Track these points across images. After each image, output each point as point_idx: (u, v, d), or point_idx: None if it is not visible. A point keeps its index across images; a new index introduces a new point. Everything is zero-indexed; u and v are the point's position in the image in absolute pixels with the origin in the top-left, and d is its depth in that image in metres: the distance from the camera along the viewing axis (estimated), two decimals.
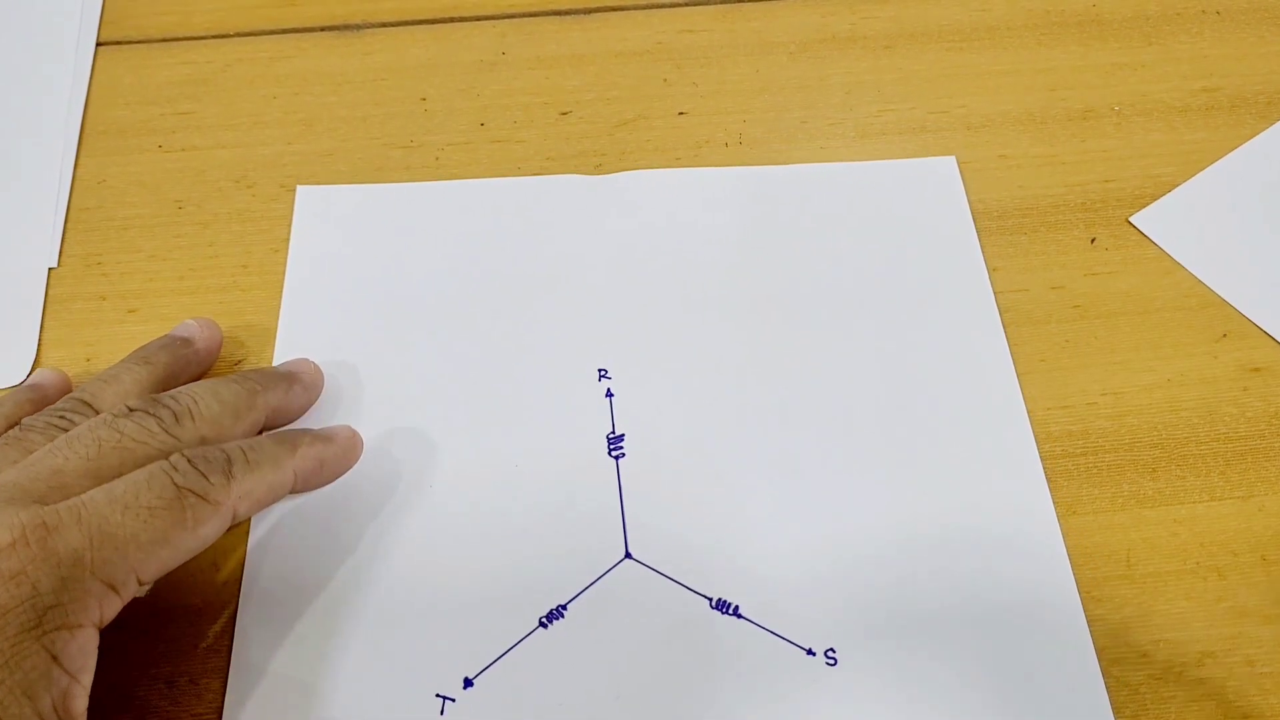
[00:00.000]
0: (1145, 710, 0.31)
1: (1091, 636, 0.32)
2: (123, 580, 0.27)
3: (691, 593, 0.33)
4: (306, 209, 0.41)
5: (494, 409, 0.36)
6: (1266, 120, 0.44)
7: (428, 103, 0.45)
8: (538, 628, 0.32)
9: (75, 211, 0.41)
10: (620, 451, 0.35)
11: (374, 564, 0.33)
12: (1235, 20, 0.47)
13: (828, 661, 0.32)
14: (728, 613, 0.32)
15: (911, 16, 0.47)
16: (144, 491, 0.28)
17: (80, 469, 0.29)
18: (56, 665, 0.25)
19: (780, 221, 0.41)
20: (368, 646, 0.32)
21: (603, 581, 0.33)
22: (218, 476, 0.29)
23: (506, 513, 0.34)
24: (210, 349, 0.37)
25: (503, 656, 0.32)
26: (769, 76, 0.45)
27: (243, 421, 0.33)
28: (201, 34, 0.47)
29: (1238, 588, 0.33)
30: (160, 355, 0.35)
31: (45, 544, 0.26)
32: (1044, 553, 0.33)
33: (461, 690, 0.31)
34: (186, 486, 0.29)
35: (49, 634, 0.25)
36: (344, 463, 0.34)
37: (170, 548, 0.28)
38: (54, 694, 0.25)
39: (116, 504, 0.28)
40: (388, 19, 0.47)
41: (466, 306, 0.39)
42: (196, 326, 0.37)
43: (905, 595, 0.33)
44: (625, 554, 0.33)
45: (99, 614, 0.27)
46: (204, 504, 0.29)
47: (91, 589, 0.26)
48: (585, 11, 0.47)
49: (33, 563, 0.26)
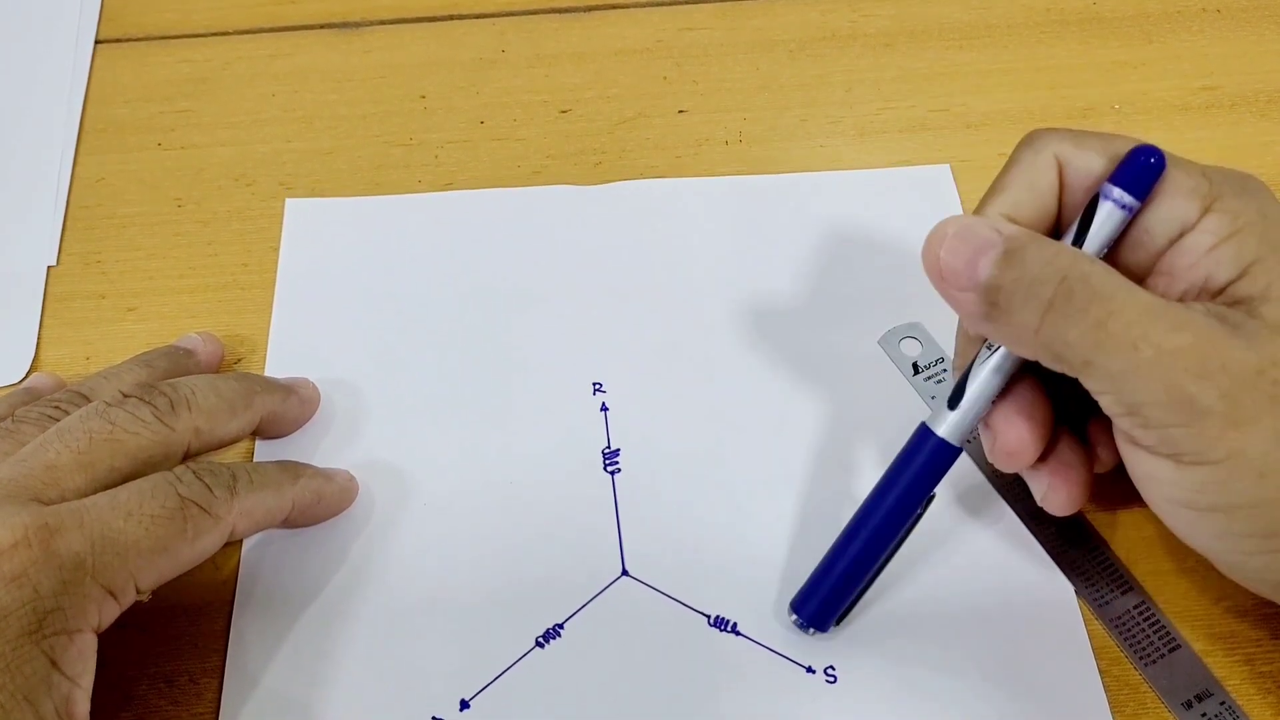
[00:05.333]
0: (1145, 710, 0.31)
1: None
2: (122, 586, 0.27)
3: (689, 610, 0.32)
4: (295, 222, 0.41)
5: (488, 424, 0.36)
6: (1267, 120, 0.44)
7: (427, 100, 0.45)
8: (534, 647, 0.32)
9: (74, 210, 0.41)
10: (616, 466, 0.35)
11: (368, 582, 0.33)
12: (1235, 20, 0.47)
13: (827, 679, 0.31)
14: (726, 630, 0.32)
15: (912, 15, 0.47)
16: (147, 500, 0.28)
17: (72, 462, 0.28)
18: (56, 670, 0.25)
19: (774, 231, 0.40)
20: (362, 665, 0.31)
21: (599, 600, 0.32)
22: (221, 491, 0.29)
23: (502, 529, 0.34)
24: (210, 362, 0.36)
25: (499, 678, 0.31)
26: (769, 74, 0.45)
27: (238, 419, 0.33)
28: (201, 32, 0.47)
29: (1236, 587, 0.33)
30: (160, 361, 0.35)
31: (47, 546, 0.26)
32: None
33: (458, 712, 0.31)
34: (190, 498, 0.29)
35: (49, 638, 0.25)
36: (339, 504, 0.34)
37: (169, 557, 0.28)
38: (55, 699, 0.25)
39: (119, 510, 0.27)
40: (387, 16, 0.47)
41: (459, 319, 0.38)
42: (199, 340, 0.37)
43: (903, 608, 0.32)
44: (622, 571, 0.33)
45: (98, 619, 0.27)
46: (206, 516, 0.29)
47: (91, 594, 0.26)
48: (585, 9, 0.47)
49: (34, 565, 0.26)
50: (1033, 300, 0.26)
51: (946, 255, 0.27)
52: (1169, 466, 0.26)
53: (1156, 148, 0.28)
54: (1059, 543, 0.34)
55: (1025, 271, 0.26)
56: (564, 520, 0.34)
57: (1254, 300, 0.26)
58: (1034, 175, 0.29)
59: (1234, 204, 0.27)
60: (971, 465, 0.35)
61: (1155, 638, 0.32)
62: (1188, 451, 0.25)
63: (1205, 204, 0.27)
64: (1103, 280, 0.26)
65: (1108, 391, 0.26)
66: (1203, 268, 0.27)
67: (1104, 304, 0.25)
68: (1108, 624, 0.32)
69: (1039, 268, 0.26)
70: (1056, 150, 0.29)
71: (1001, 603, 0.32)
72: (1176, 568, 0.33)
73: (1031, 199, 0.28)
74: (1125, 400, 0.26)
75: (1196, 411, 0.25)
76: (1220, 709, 0.31)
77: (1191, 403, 0.25)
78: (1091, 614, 0.33)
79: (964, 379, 0.29)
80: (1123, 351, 0.25)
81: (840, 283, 0.39)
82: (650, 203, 0.41)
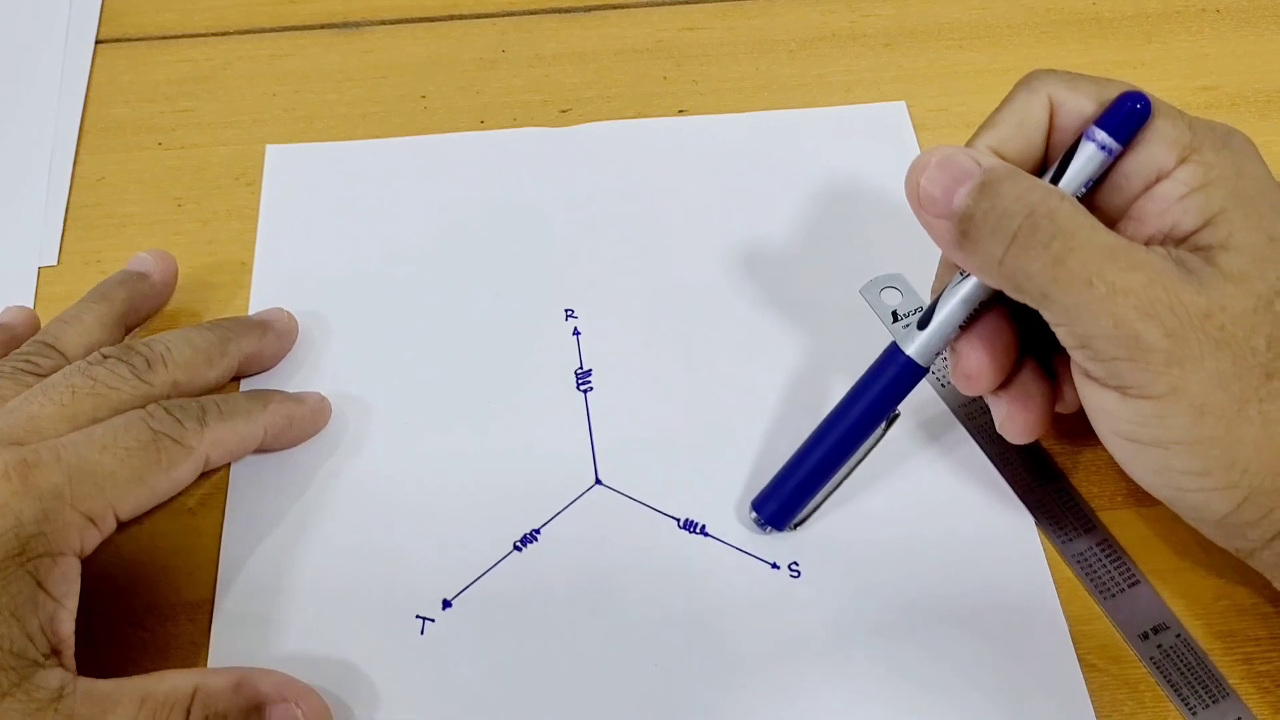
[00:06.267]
0: (1143, 710, 0.31)
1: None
2: (101, 514, 0.29)
3: (660, 514, 0.34)
4: (276, 167, 0.42)
5: (464, 351, 0.38)
6: (1267, 120, 0.44)
7: (427, 100, 0.45)
8: (512, 551, 0.33)
9: (75, 209, 0.41)
10: (588, 385, 0.37)
11: (352, 495, 0.34)
12: (1235, 20, 0.47)
13: (791, 574, 0.33)
14: (695, 531, 0.34)
15: (912, 15, 0.47)
16: (121, 434, 0.30)
17: (55, 414, 0.30)
18: (41, 590, 0.27)
19: (735, 167, 0.42)
20: (349, 571, 0.33)
21: (574, 506, 0.34)
22: (191, 423, 0.31)
23: (479, 445, 0.36)
24: (166, 280, 0.37)
25: (479, 579, 0.33)
26: (769, 74, 0.45)
27: (215, 368, 0.34)
28: (201, 31, 0.47)
29: (1236, 585, 0.33)
30: (118, 291, 0.36)
31: (26, 479, 0.28)
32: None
33: (440, 611, 0.32)
34: (162, 430, 0.30)
35: (32, 560, 0.27)
36: (312, 424, 0.35)
37: (146, 486, 0.30)
38: (41, 617, 0.27)
39: (94, 444, 0.29)
40: (388, 16, 0.47)
41: (436, 255, 0.40)
42: (151, 259, 0.37)
43: (866, 515, 0.34)
44: (595, 480, 0.35)
45: (79, 544, 0.28)
46: (178, 447, 0.30)
47: (72, 520, 0.28)
48: (585, 9, 0.47)
49: (15, 496, 0.27)
50: (999, 232, 0.27)
51: (926, 183, 0.28)
52: (1115, 399, 0.27)
53: (1145, 94, 0.28)
54: (1028, 481, 0.34)
55: (996, 204, 0.27)
56: (539, 435, 0.36)
57: (1213, 249, 0.27)
58: (1025, 113, 0.30)
59: (1210, 156, 0.28)
60: (945, 409, 0.36)
61: (1116, 573, 0.33)
62: (1132, 385, 0.27)
63: (1183, 154, 0.28)
64: (1068, 218, 0.27)
65: (1063, 324, 0.27)
66: (1170, 215, 0.28)
67: (1065, 240, 0.26)
68: (1069, 559, 0.33)
69: (1010, 201, 0.27)
70: (1051, 91, 0.30)
71: (963, 533, 0.34)
72: (1175, 566, 0.33)
73: (1020, 135, 0.29)
74: (1078, 333, 0.27)
75: (1141, 347, 0.26)
76: (1176, 641, 0.31)
77: (1137, 338, 0.26)
78: (1055, 550, 0.33)
79: (935, 303, 0.30)
80: (1077, 286, 0.26)
81: (799, 214, 0.41)
82: (621, 143, 0.43)
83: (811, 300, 0.38)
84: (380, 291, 0.39)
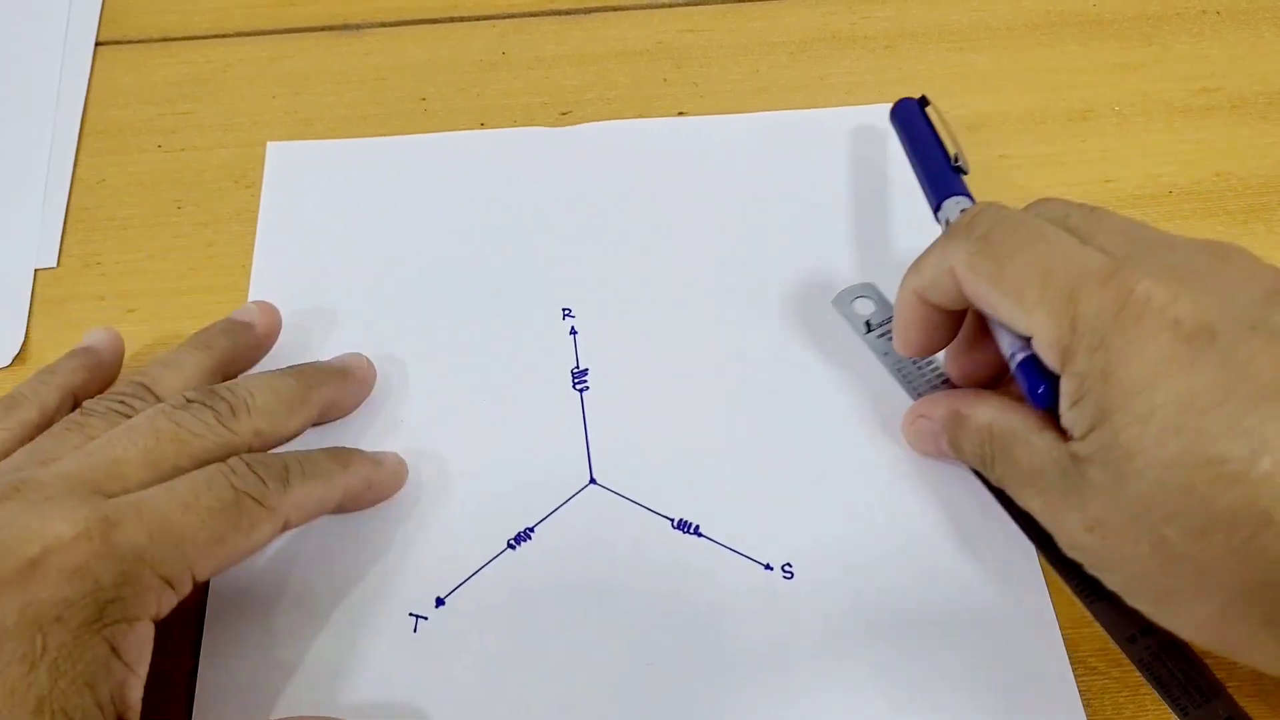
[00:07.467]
0: (1145, 713, 0.31)
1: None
2: (179, 576, 0.28)
3: (654, 514, 0.34)
4: (277, 164, 0.42)
5: (463, 349, 0.38)
6: (1266, 120, 0.44)
7: (427, 102, 0.45)
8: (506, 549, 0.33)
9: (74, 211, 0.41)
10: (584, 384, 0.37)
11: None
12: (1235, 20, 0.47)
13: (784, 575, 0.33)
14: (689, 532, 0.34)
15: (912, 17, 0.47)
16: (204, 492, 0.29)
17: (139, 459, 0.29)
18: (115, 657, 0.26)
19: (735, 169, 0.42)
20: (341, 567, 0.33)
21: (568, 505, 0.34)
22: (275, 483, 0.30)
23: (476, 443, 0.35)
24: (269, 333, 0.37)
25: (473, 577, 0.33)
26: (769, 76, 0.45)
27: (297, 416, 0.33)
28: (201, 34, 0.47)
29: None
30: (220, 340, 0.35)
31: (108, 539, 0.27)
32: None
33: (434, 609, 0.32)
34: (245, 490, 0.29)
35: (109, 627, 0.26)
36: (388, 489, 0.34)
37: (225, 548, 0.29)
38: (111, 685, 0.26)
39: (176, 502, 0.28)
40: (388, 18, 0.47)
41: (434, 253, 0.40)
42: (256, 310, 0.37)
43: (861, 516, 0.34)
44: (590, 480, 0.35)
45: (156, 608, 0.27)
46: (260, 508, 0.29)
47: (150, 584, 0.27)
48: (585, 11, 0.47)
49: (95, 557, 0.26)
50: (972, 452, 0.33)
51: (913, 441, 0.35)
52: None
53: None
54: None
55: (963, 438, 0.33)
56: (534, 434, 0.36)
57: (1091, 459, 0.28)
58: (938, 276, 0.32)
59: (1083, 364, 0.28)
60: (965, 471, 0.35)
61: None
62: None
63: (1062, 360, 0.29)
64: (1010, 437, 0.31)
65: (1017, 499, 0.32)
66: (1067, 421, 0.29)
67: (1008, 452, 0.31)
68: (1054, 563, 0.32)
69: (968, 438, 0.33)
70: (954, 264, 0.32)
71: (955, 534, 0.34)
72: None
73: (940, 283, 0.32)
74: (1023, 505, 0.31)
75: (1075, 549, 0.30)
76: (1164, 643, 0.31)
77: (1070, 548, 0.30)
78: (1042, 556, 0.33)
79: None
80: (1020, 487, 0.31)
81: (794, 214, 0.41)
82: (621, 144, 0.43)
83: (811, 301, 0.39)
84: (378, 290, 0.39)
